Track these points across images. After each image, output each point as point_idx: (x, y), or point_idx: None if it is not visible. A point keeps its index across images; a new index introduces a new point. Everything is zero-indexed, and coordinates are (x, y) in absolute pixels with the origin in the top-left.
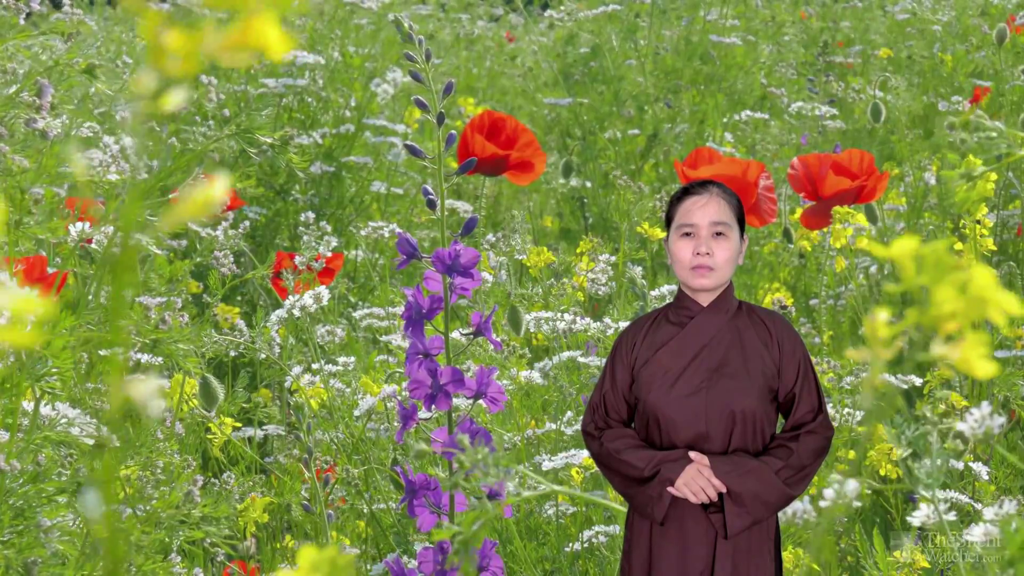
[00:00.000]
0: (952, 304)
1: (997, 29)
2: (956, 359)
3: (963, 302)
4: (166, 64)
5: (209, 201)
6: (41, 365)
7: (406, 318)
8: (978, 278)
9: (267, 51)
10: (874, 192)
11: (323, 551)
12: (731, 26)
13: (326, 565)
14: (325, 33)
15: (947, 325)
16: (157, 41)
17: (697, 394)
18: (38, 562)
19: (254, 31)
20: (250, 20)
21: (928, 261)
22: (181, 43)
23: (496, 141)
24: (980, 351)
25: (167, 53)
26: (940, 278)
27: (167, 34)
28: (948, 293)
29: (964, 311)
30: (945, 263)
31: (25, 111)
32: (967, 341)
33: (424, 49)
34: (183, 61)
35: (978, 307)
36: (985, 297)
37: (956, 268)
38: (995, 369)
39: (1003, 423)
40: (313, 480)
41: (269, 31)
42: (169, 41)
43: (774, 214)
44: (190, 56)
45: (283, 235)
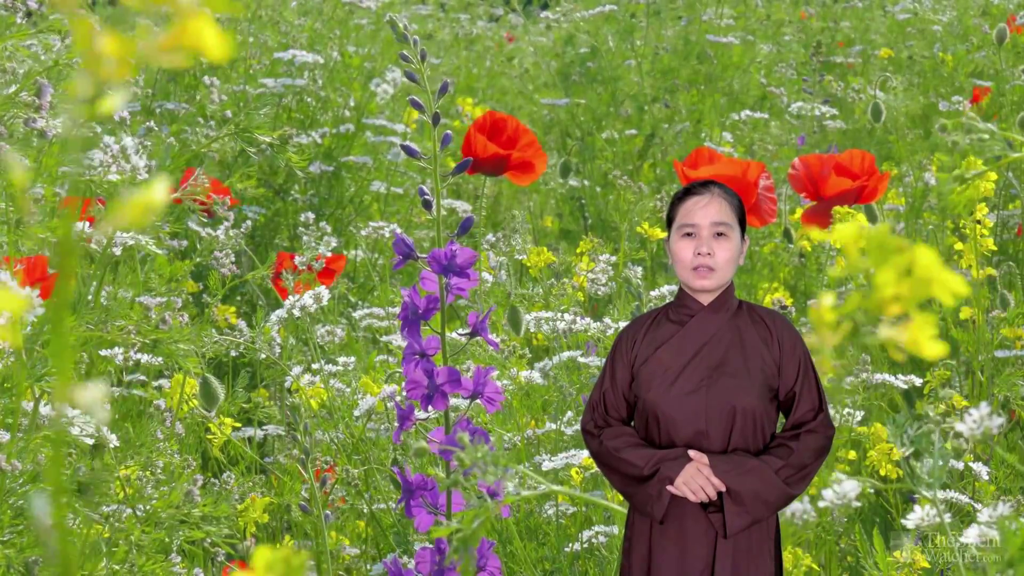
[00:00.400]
0: (896, 286)
1: (997, 29)
2: (904, 341)
3: (907, 283)
4: (101, 68)
5: (149, 205)
6: (41, 365)
7: (402, 318)
8: (922, 259)
9: (205, 52)
10: (875, 192)
11: (277, 551)
12: (728, 26)
13: (280, 565)
14: (324, 33)
15: (891, 307)
16: (91, 46)
17: (697, 392)
18: (38, 561)
19: (191, 32)
20: (186, 22)
21: (872, 244)
22: (116, 46)
23: (498, 141)
24: (928, 332)
25: (102, 57)
26: (883, 261)
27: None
28: (890, 275)
29: (908, 292)
30: (888, 246)
31: (24, 111)
32: (915, 322)
33: (419, 49)
34: (118, 65)
35: (923, 288)
36: (929, 277)
37: (899, 250)
38: (943, 349)
39: (1002, 423)
40: (312, 480)
41: (205, 32)
42: (103, 45)
43: (774, 214)
44: (125, 60)
45: (283, 235)
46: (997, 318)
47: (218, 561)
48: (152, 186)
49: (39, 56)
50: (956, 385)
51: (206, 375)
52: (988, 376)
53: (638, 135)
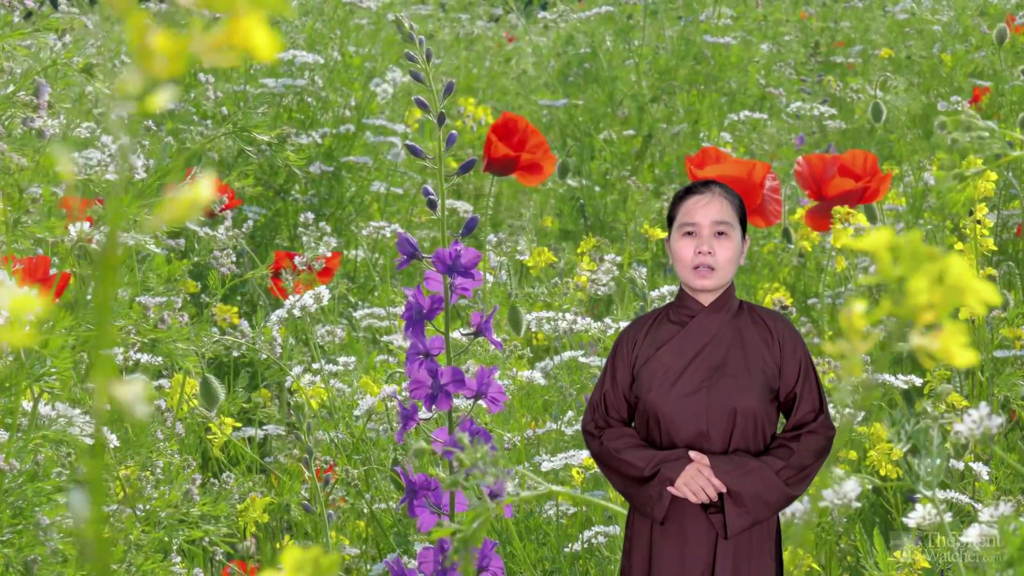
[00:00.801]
0: (928, 294)
1: (997, 29)
2: (935, 349)
3: (939, 292)
4: (153, 65)
5: (197, 201)
6: (40, 365)
7: (406, 318)
8: (954, 267)
9: (254, 52)
10: (877, 193)
11: (307, 551)
12: (726, 26)
13: (310, 566)
14: (325, 33)
15: (924, 315)
16: (144, 42)
17: (698, 393)
18: (37, 560)
19: (241, 32)
20: (237, 21)
21: (904, 252)
22: (168, 44)
23: (508, 142)
24: (959, 340)
25: (154, 54)
26: (916, 268)
27: (153, 35)
28: (923, 283)
29: (941, 301)
30: (920, 253)
31: (22, 110)
32: (946, 330)
33: (424, 49)
34: (170, 62)
35: (955, 296)
36: (962, 286)
37: (931, 258)
38: (974, 358)
39: (1001, 424)
40: (313, 480)
41: (256, 32)
42: (156, 42)
43: (779, 215)
44: (177, 57)
45: (283, 235)
46: (997, 318)
47: (217, 560)
48: (199, 184)
49: (39, 55)
50: (956, 385)
51: (206, 375)
52: (988, 376)
53: (636, 135)
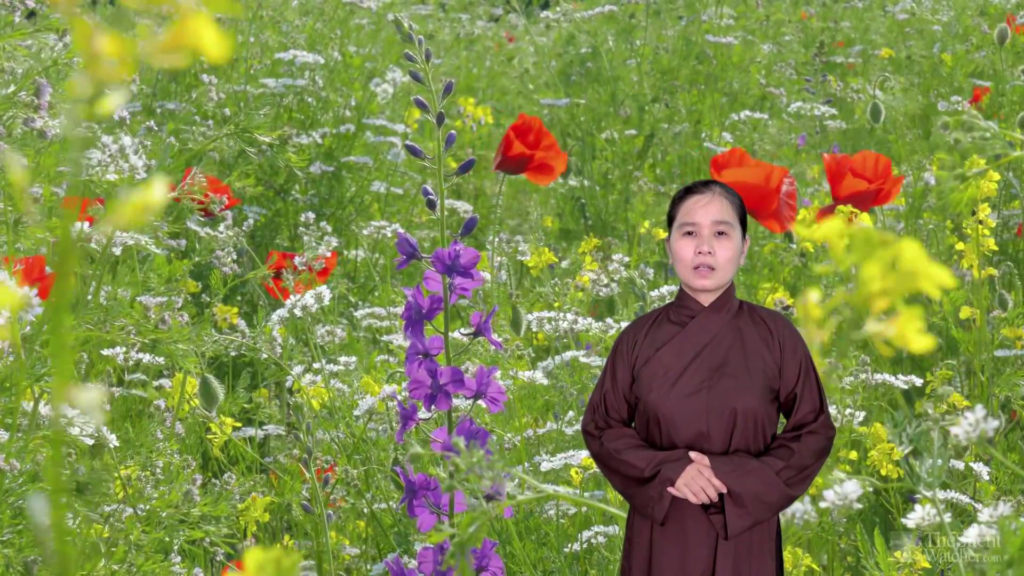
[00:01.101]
0: (881, 280)
1: (998, 29)
2: (891, 335)
3: (893, 277)
4: (101, 68)
5: (149, 204)
6: (40, 365)
7: (406, 318)
8: (907, 253)
9: (204, 52)
10: (889, 195)
11: (268, 551)
12: (727, 26)
13: (271, 566)
14: (325, 33)
15: (878, 302)
16: (90, 46)
17: (698, 394)
18: (37, 561)
19: (190, 32)
20: (185, 22)
21: (857, 239)
22: (115, 47)
23: (524, 141)
24: (915, 325)
25: (101, 57)
26: (868, 255)
27: (100, 39)
28: (876, 269)
29: (894, 286)
30: (873, 240)
31: (23, 110)
32: (901, 316)
33: (424, 49)
34: (118, 65)
35: (909, 281)
36: (915, 271)
37: (884, 244)
38: (931, 343)
39: (997, 426)
40: (313, 480)
41: (205, 32)
42: (103, 46)
43: (794, 220)
44: (125, 60)
45: (283, 235)
46: (997, 318)
47: (217, 560)
48: (150, 186)
49: (40, 55)
50: (957, 385)
51: (206, 375)
52: (988, 376)
53: (638, 135)
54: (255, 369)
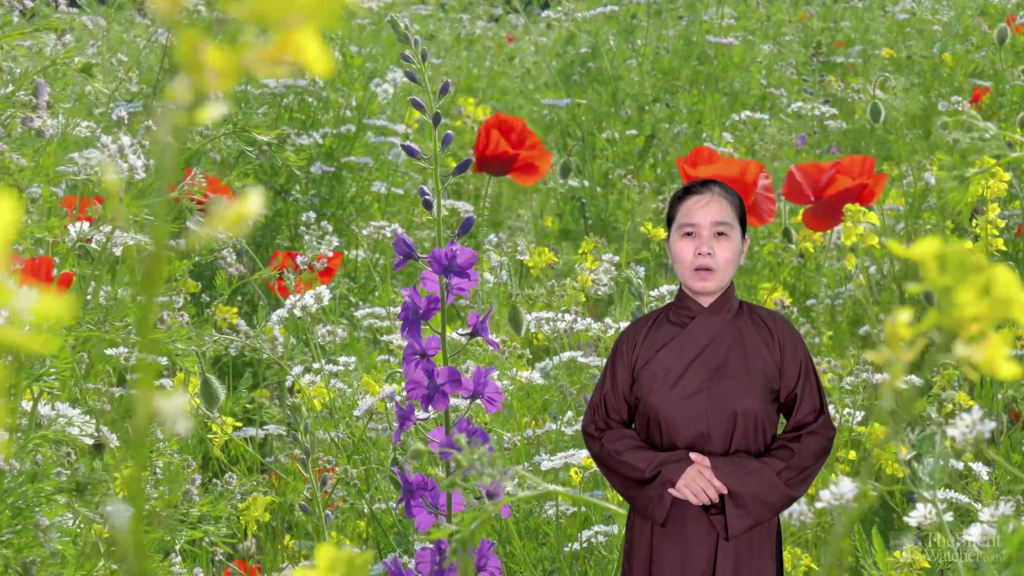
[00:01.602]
0: (976, 306)
1: (998, 29)
2: (980, 360)
3: (986, 303)
4: (204, 77)
5: (243, 216)
6: (40, 365)
7: (403, 319)
8: (1001, 279)
9: (307, 65)
10: (873, 193)
11: (340, 551)
12: (728, 26)
13: (343, 565)
14: (326, 33)
15: (970, 327)
16: (194, 55)
17: (698, 395)
18: (36, 562)
19: (294, 45)
20: (289, 34)
21: (951, 262)
22: (220, 57)
23: (507, 140)
24: (1003, 352)
25: (205, 67)
26: (963, 279)
27: (205, 49)
28: (971, 295)
29: (988, 312)
30: (968, 264)
31: (22, 110)
32: (990, 342)
33: (420, 49)
34: (221, 75)
35: (1001, 308)
36: (1008, 298)
37: (978, 269)
38: (1019, 370)
39: (994, 427)
40: (313, 480)
41: (308, 45)
42: (208, 55)
43: (773, 214)
44: (229, 70)
45: (284, 235)
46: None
47: (216, 560)
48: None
49: (38, 54)
50: (956, 385)
51: (207, 375)
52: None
53: (639, 135)
54: (255, 369)
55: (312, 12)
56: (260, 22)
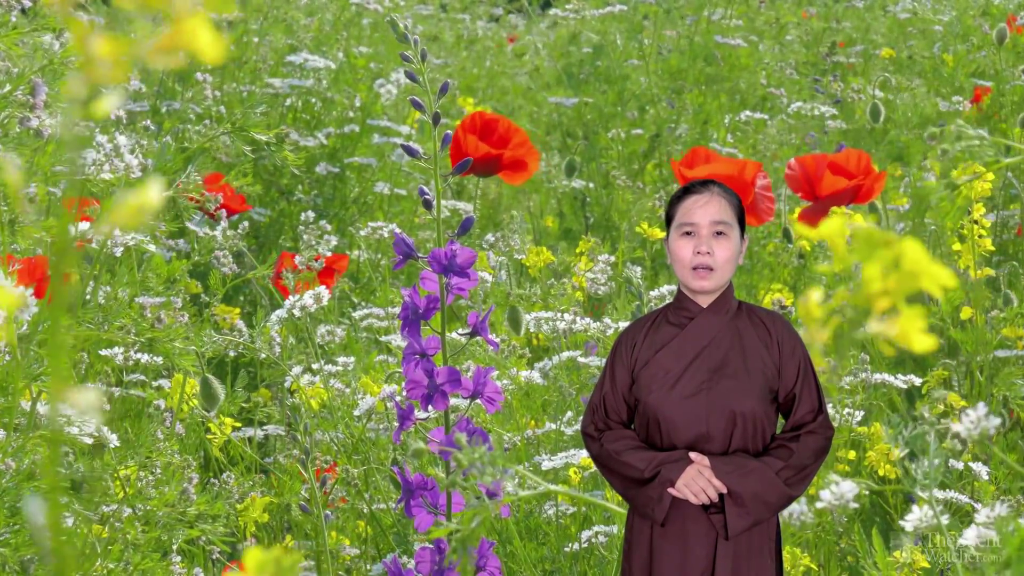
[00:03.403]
0: (883, 280)
1: (997, 29)
2: (894, 334)
3: (895, 277)
4: (96, 70)
5: (144, 206)
6: (38, 364)
7: (403, 318)
8: (909, 252)
9: (200, 54)
10: (871, 191)
11: (268, 551)
12: (735, 27)
13: (271, 566)
14: (332, 34)
15: (880, 302)
16: (85, 48)
17: (697, 395)
18: (34, 560)
19: (186, 34)
20: (181, 23)
21: (858, 238)
22: (110, 49)
23: (489, 141)
24: (917, 324)
25: (96, 59)
26: (870, 255)
27: (95, 40)
28: (877, 270)
29: (896, 286)
30: (875, 239)
31: (19, 109)
32: (904, 315)
33: (420, 49)
34: (113, 67)
35: (911, 281)
36: (918, 271)
37: (886, 244)
38: (933, 343)
39: (999, 424)
40: (312, 480)
41: (201, 33)
42: (98, 47)
43: (772, 213)
44: (120, 61)
45: (286, 235)
46: (997, 318)
47: (213, 559)
48: (146, 187)
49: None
50: (956, 385)
51: (206, 375)
52: (987, 376)
53: (644, 135)
54: (255, 369)
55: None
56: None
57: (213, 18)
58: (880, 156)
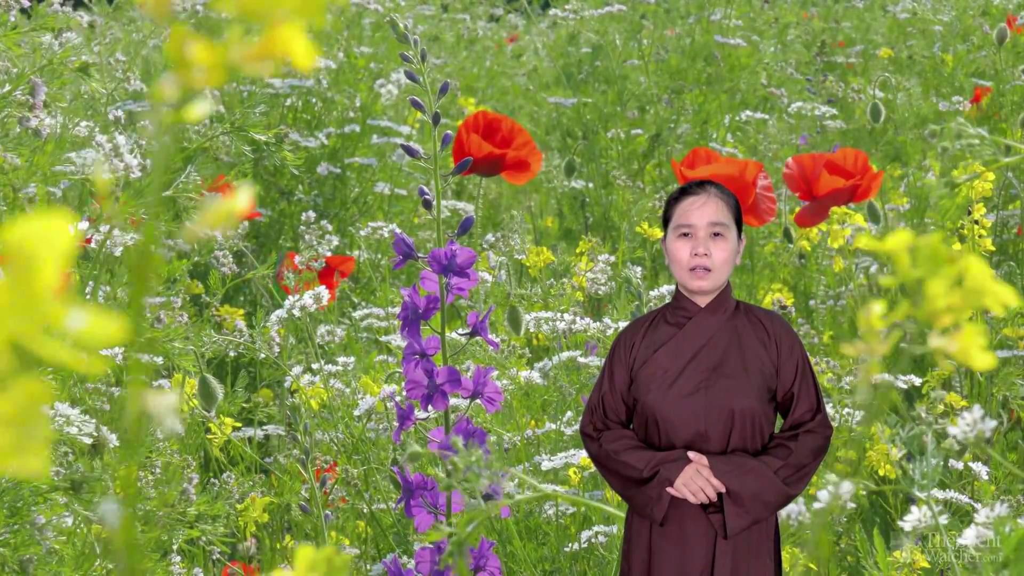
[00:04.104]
0: (947, 297)
1: (997, 29)
2: (954, 351)
3: (959, 294)
4: (191, 75)
5: (232, 212)
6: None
7: (402, 318)
8: (973, 270)
9: (293, 60)
10: (868, 191)
11: (320, 550)
12: (735, 26)
13: (323, 565)
14: (332, 34)
15: (943, 318)
16: (181, 52)
17: (696, 394)
18: (33, 560)
19: (280, 41)
20: (276, 30)
21: (923, 254)
22: (207, 54)
23: (492, 141)
24: (978, 342)
25: (192, 64)
26: (935, 271)
27: (192, 45)
28: (942, 286)
29: (960, 303)
30: (940, 256)
31: (18, 109)
32: (964, 333)
33: (420, 49)
34: (208, 72)
35: (974, 299)
36: (980, 288)
37: (950, 260)
38: (993, 360)
39: (995, 426)
40: (311, 480)
41: (295, 40)
42: (194, 52)
43: (773, 213)
44: (215, 67)
45: (287, 236)
46: (996, 318)
47: (214, 559)
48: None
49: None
50: (956, 385)
51: (205, 375)
52: (987, 376)
53: (643, 135)
54: (255, 369)
55: (297, 8)
56: (247, 18)
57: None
58: (878, 156)
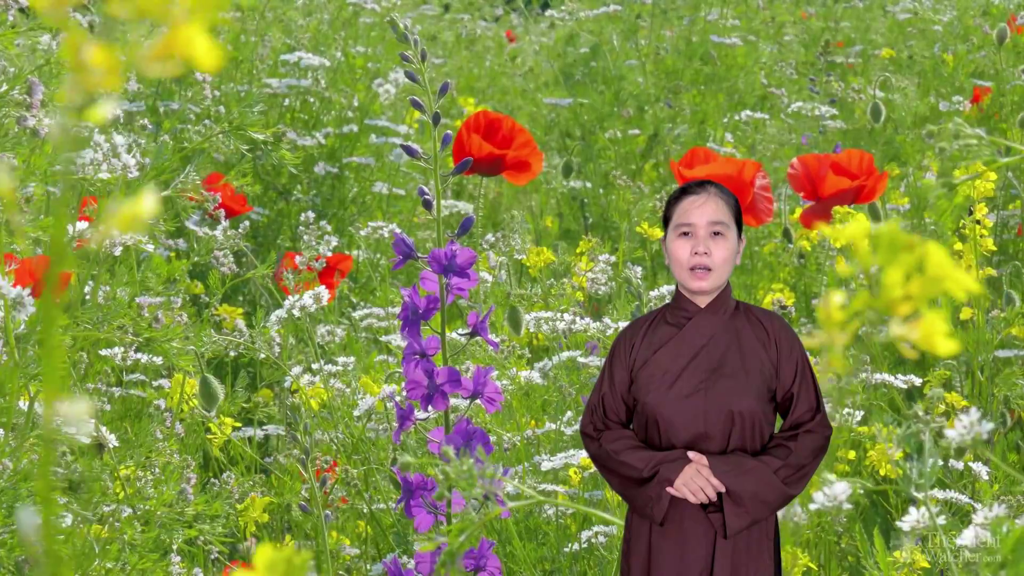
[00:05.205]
0: (905, 285)
1: (998, 29)
2: (916, 338)
3: (918, 282)
4: (89, 78)
5: (138, 215)
6: (35, 364)
7: (402, 319)
8: (933, 257)
9: (195, 62)
10: (873, 192)
11: (279, 550)
12: (732, 26)
13: (282, 565)
14: (330, 34)
15: (902, 306)
16: (78, 57)
17: (696, 394)
18: (29, 561)
19: (181, 41)
20: (177, 30)
21: (881, 242)
22: (103, 57)
23: (493, 141)
24: (939, 329)
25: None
26: (893, 259)
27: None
28: (899, 274)
29: (919, 291)
30: (898, 243)
31: (15, 109)
32: (926, 319)
33: (420, 49)
34: (106, 74)
35: (934, 285)
36: (941, 275)
37: (909, 248)
38: (956, 346)
39: (992, 428)
40: (311, 480)
41: (197, 41)
42: (90, 55)
43: (770, 213)
44: (113, 69)
45: (285, 235)
46: (997, 318)
47: (212, 559)
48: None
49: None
50: (956, 385)
51: (205, 375)
52: (988, 376)
53: (641, 135)
54: (255, 369)
55: (197, 6)
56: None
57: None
58: (878, 156)
